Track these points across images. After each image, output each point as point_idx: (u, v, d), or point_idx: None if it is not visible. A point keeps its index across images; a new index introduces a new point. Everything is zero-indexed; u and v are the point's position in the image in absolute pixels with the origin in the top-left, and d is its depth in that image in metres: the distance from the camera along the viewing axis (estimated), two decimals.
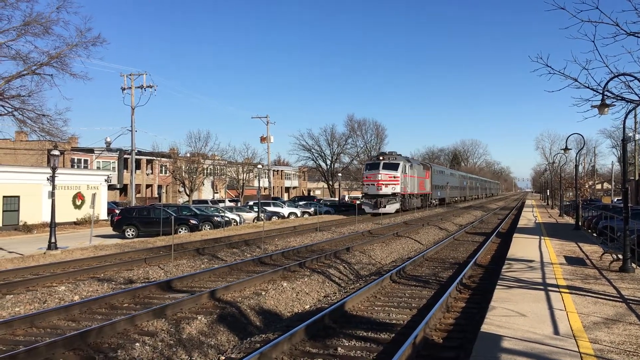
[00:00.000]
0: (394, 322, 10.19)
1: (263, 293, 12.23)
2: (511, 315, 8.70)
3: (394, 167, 43.44)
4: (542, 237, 22.80)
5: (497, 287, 11.24)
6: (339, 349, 8.33)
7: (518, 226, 30.73)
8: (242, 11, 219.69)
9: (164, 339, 8.76)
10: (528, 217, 40.37)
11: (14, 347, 8.35)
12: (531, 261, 15.22)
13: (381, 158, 44.41)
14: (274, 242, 22.85)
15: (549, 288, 11.10)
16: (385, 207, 42.10)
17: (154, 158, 68.32)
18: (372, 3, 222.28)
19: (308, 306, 12.38)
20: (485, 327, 7.90)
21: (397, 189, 42.74)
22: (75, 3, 48.14)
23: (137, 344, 8.36)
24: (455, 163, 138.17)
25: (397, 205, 42.58)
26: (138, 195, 62.04)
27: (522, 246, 19.31)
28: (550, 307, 9.29)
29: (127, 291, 12.17)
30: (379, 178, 42.51)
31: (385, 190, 42.68)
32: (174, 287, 13.03)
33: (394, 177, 42.62)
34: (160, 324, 9.51)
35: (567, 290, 10.84)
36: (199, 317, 9.93)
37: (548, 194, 79.85)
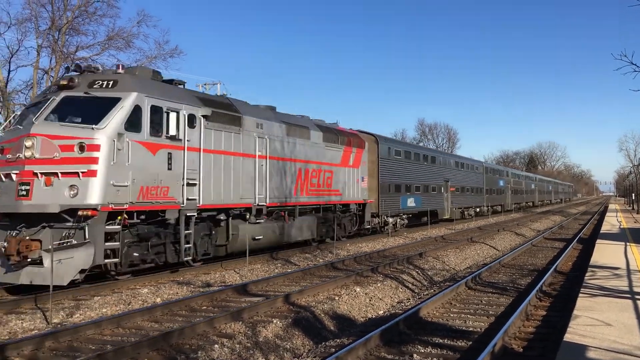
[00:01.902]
0: (470, 329, 9.98)
1: (336, 298, 12.29)
2: (596, 324, 8.32)
3: (91, 108, 12.73)
4: (628, 243, 21.62)
5: (580, 295, 10.78)
6: (415, 355, 8.25)
7: (601, 231, 29.29)
8: (304, 14, 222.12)
9: (242, 342, 8.98)
10: (612, 222, 38.41)
11: (102, 346, 8.79)
12: (616, 268, 14.49)
13: (62, 83, 13.00)
14: (346, 247, 22.89)
15: (637, 297, 10.52)
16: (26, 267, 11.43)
17: None
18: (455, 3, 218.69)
19: (382, 312, 12.34)
20: (568, 337, 7.59)
21: (93, 193, 11.86)
22: (154, 17, 50.36)
23: (216, 345, 8.61)
24: (531, 166, 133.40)
25: (77, 259, 11.50)
26: None
27: (606, 252, 18.40)
28: (639, 317, 8.83)
29: (205, 294, 12.55)
30: (24, 152, 11.92)
31: (38, 197, 11.77)
32: (249, 291, 13.31)
33: (81, 147, 11.97)
34: (238, 326, 9.75)
35: None
36: (274, 321, 10.10)
37: (633, 197, 75.63)
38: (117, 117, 12.62)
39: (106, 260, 12.67)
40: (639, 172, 65.16)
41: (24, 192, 11.97)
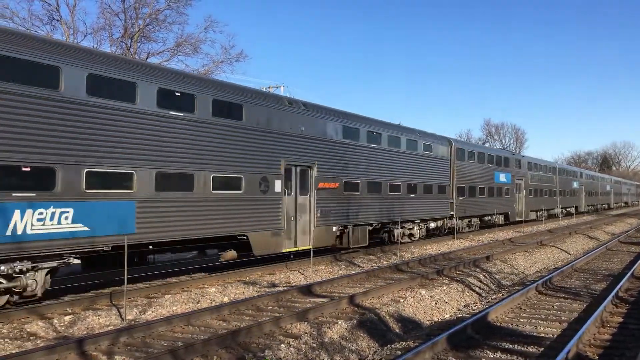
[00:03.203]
0: (542, 335, 9.66)
1: (401, 300, 12.19)
2: None
3: None
4: None
5: None
6: None
7: None
8: (370, 14, 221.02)
9: (307, 342, 9.05)
10: None
11: (173, 342, 9.07)
12: None
13: None
14: (410, 250, 22.66)
15: None
16: None
17: None
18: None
19: (448, 315, 12.13)
20: None
21: None
22: (220, 22, 51.53)
23: (283, 345, 8.72)
24: (605, 167, 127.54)
25: None
26: None
27: None
28: None
29: (270, 294, 12.73)
30: None
31: None
32: (314, 292, 13.40)
33: None
34: (303, 327, 9.83)
35: None
36: (339, 322, 10.12)
37: None
38: None
39: None
40: None
41: None
